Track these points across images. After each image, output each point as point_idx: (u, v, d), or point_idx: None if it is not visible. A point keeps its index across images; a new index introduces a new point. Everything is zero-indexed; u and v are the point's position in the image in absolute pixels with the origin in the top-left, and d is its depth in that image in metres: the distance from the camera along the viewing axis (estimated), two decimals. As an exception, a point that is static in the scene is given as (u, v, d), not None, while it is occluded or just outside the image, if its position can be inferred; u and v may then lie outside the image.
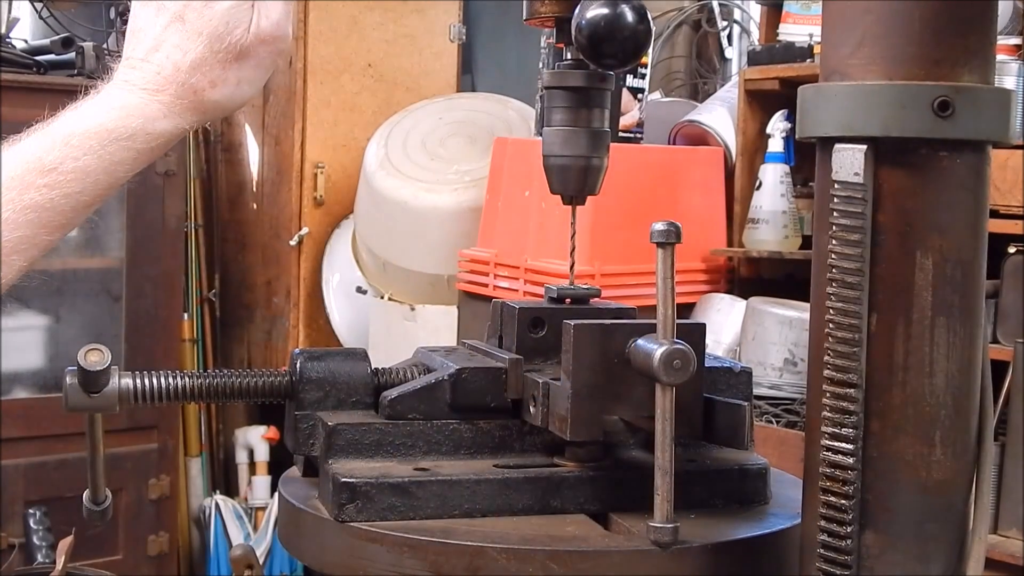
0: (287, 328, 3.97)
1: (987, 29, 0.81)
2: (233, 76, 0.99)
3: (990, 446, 0.82)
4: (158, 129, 0.98)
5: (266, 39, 0.99)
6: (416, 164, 3.45)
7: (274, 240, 4.05)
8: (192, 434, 4.04)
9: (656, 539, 0.83)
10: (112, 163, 0.97)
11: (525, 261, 2.91)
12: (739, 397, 0.99)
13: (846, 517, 0.80)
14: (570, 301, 1.03)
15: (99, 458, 0.98)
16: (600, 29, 0.93)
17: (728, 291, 3.09)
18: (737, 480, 0.97)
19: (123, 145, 0.97)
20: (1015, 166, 2.44)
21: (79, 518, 1.03)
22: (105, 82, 1.00)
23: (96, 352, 0.92)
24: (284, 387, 0.99)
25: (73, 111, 0.97)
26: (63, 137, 0.96)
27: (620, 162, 2.10)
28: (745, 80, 3.13)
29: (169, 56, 0.98)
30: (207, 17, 0.98)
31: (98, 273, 3.59)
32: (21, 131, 0.98)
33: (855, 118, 0.79)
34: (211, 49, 0.98)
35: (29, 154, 0.95)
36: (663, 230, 0.83)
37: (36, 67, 3.35)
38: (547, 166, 1.02)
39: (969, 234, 0.80)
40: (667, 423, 0.82)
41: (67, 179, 0.95)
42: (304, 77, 3.89)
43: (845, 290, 0.79)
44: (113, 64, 1.02)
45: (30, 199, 0.94)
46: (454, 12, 4.17)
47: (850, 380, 0.79)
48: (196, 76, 0.98)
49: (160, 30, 0.98)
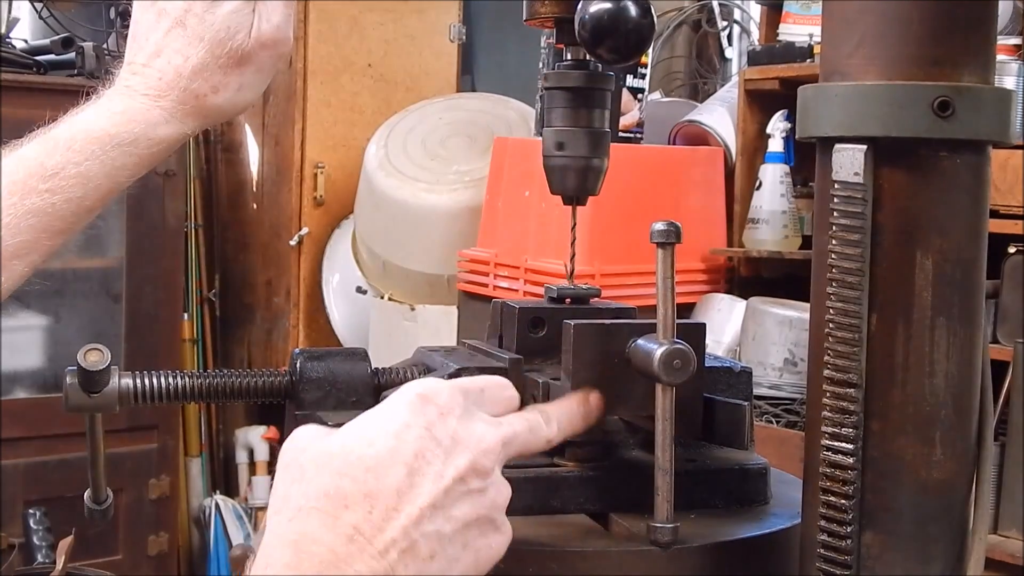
0: (287, 328, 3.97)
1: (987, 29, 0.81)
2: (234, 81, 0.99)
3: (990, 446, 0.82)
4: (160, 134, 0.98)
5: (267, 43, 0.99)
6: (416, 164, 3.45)
7: (274, 240, 4.05)
8: (192, 434, 4.04)
9: (656, 539, 0.83)
10: (114, 168, 0.97)
11: (525, 261, 2.91)
12: (739, 397, 0.99)
13: (846, 517, 0.80)
14: (570, 301, 1.03)
15: (100, 458, 0.98)
16: (603, 23, 0.93)
17: (728, 291, 3.10)
18: (737, 480, 0.97)
19: (125, 150, 0.97)
20: (1015, 166, 2.44)
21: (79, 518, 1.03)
22: (107, 87, 1.00)
23: (96, 352, 0.92)
24: (284, 387, 0.99)
25: (75, 116, 0.98)
26: (65, 142, 0.96)
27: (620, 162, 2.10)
28: (745, 80, 3.13)
29: (170, 61, 0.98)
30: (208, 22, 0.98)
31: (98, 273, 3.59)
32: (21, 131, 0.98)
33: (855, 118, 0.79)
34: (212, 54, 0.98)
35: (31, 159, 0.95)
36: (663, 230, 0.83)
37: (36, 67, 3.35)
38: (547, 166, 1.02)
39: (969, 234, 0.80)
40: (667, 423, 0.82)
41: (69, 184, 0.95)
42: (304, 77, 3.89)
43: (845, 290, 0.79)
44: (113, 65, 1.02)
45: (32, 204, 0.95)
46: (454, 12, 4.18)
47: (850, 380, 0.79)
48: (198, 81, 0.98)
49: (161, 35, 0.98)
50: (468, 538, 0.73)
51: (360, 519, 0.70)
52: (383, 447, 0.72)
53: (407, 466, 0.71)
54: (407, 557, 0.70)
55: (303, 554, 0.68)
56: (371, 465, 0.71)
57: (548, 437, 0.81)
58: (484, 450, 0.74)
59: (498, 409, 0.79)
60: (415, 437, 0.72)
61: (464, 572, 0.73)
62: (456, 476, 0.72)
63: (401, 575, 0.70)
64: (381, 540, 0.70)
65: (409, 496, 0.71)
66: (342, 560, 0.68)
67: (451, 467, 0.72)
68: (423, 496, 0.71)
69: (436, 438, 0.73)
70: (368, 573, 0.69)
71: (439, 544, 0.71)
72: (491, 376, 0.82)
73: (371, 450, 0.72)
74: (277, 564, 0.68)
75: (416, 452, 0.72)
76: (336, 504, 0.70)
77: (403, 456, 0.72)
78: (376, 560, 0.69)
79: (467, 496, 0.73)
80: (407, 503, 0.71)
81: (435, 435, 0.73)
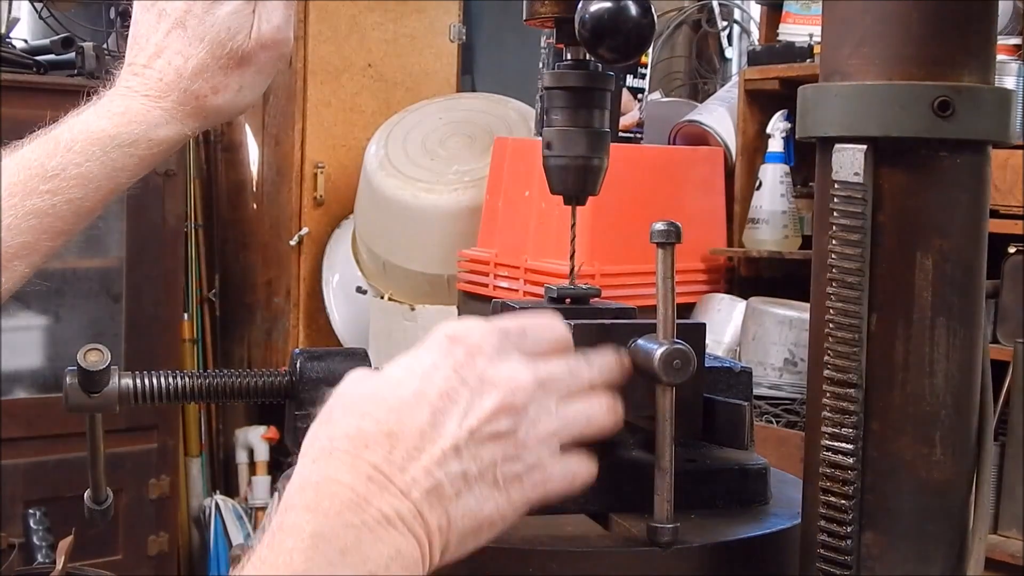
0: (287, 328, 3.97)
1: (987, 29, 0.81)
2: (235, 82, 1.00)
3: (990, 446, 0.82)
4: (160, 135, 0.99)
5: (267, 44, 1.00)
6: (416, 164, 3.45)
7: (274, 240, 4.05)
8: (192, 434, 4.04)
9: (656, 539, 0.83)
10: (114, 169, 0.97)
11: (525, 261, 2.91)
12: (739, 397, 0.99)
13: (846, 517, 0.80)
14: (570, 301, 1.03)
15: (100, 458, 0.98)
16: (604, 22, 0.93)
17: (728, 291, 3.09)
18: (737, 480, 0.97)
19: (125, 151, 0.97)
20: (1015, 166, 2.44)
21: (79, 518, 1.03)
22: (107, 88, 1.00)
23: (96, 352, 0.92)
24: (284, 387, 0.99)
25: (75, 117, 0.98)
26: (65, 143, 0.96)
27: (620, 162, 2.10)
28: (745, 80, 3.13)
29: (171, 62, 0.98)
30: (208, 23, 0.98)
31: (98, 273, 3.59)
32: (21, 131, 0.98)
33: (855, 118, 0.79)
34: (213, 55, 0.98)
35: (31, 160, 0.96)
36: (663, 230, 0.83)
37: (36, 67, 3.35)
38: (547, 166, 1.02)
39: (969, 234, 0.80)
40: (667, 423, 0.82)
41: (69, 185, 0.96)
42: (304, 77, 3.89)
43: (845, 290, 0.79)
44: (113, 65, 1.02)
45: (32, 205, 0.95)
46: (454, 12, 4.17)
47: (850, 380, 0.79)
48: (198, 82, 0.98)
49: (162, 36, 0.99)
50: (499, 477, 0.73)
51: (380, 459, 0.70)
52: (408, 389, 0.73)
53: (431, 407, 0.72)
54: (432, 497, 0.70)
55: (324, 494, 0.69)
56: (394, 406, 0.72)
57: (590, 379, 0.80)
58: (514, 388, 0.74)
59: (542, 348, 0.78)
60: (442, 378, 0.73)
61: (498, 511, 0.73)
62: (483, 417, 0.72)
63: (428, 514, 0.70)
64: (402, 479, 0.70)
65: (431, 436, 0.71)
66: (363, 499, 0.69)
67: (478, 407, 0.73)
68: (446, 437, 0.71)
69: (463, 378, 0.73)
70: (391, 512, 0.69)
71: (465, 484, 0.72)
72: (538, 315, 0.81)
73: (396, 392, 0.73)
74: (299, 505, 0.69)
75: (441, 393, 0.72)
76: (357, 445, 0.71)
77: (428, 397, 0.72)
78: (398, 499, 0.70)
79: (496, 437, 0.73)
80: (429, 443, 0.71)
81: (462, 376, 0.73)
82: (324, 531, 0.67)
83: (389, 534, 0.69)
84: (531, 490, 0.75)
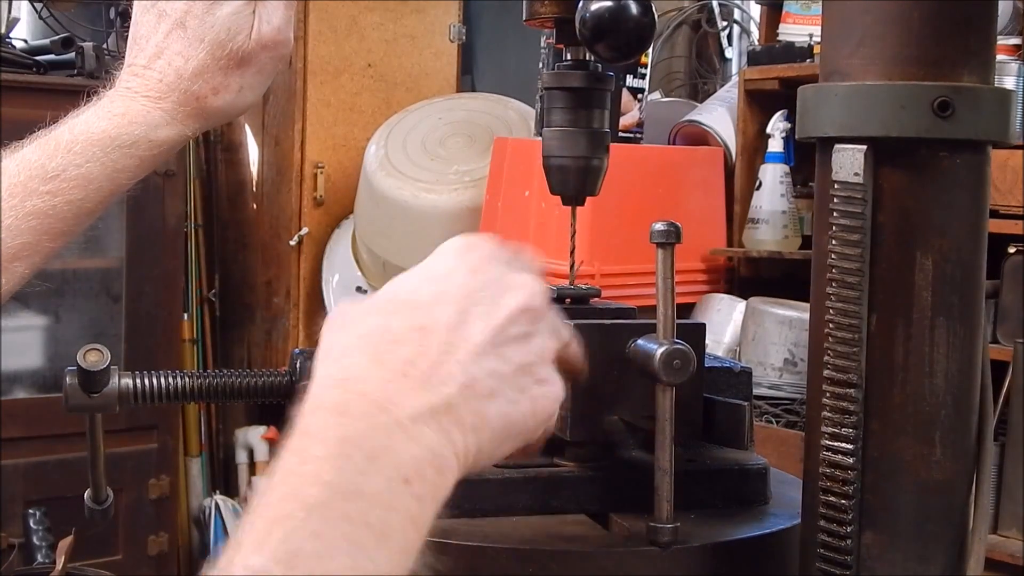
0: (287, 328, 3.97)
1: (987, 29, 0.81)
2: (235, 82, 0.99)
3: (990, 446, 0.82)
4: (160, 136, 0.99)
5: (268, 45, 1.00)
6: (416, 164, 3.45)
7: (274, 240, 4.04)
8: (192, 434, 4.04)
9: (656, 539, 0.83)
10: (115, 170, 0.97)
11: (525, 261, 2.91)
12: (739, 397, 0.99)
13: (846, 517, 0.80)
14: (570, 301, 1.03)
15: (100, 458, 0.98)
16: (604, 21, 0.93)
17: (728, 291, 3.10)
18: (737, 480, 0.97)
19: (126, 152, 0.97)
20: (1015, 166, 2.44)
21: (79, 518, 1.03)
22: (107, 89, 1.00)
23: (96, 352, 0.92)
24: (284, 387, 0.99)
25: (75, 118, 0.98)
26: (66, 144, 0.96)
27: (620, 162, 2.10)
28: (745, 80, 3.13)
29: (171, 63, 0.98)
30: (209, 24, 0.98)
31: (98, 273, 3.59)
32: (21, 131, 0.98)
33: (855, 118, 0.79)
34: (213, 56, 0.98)
35: (31, 160, 0.96)
36: (663, 230, 0.83)
37: (36, 67, 3.34)
38: (547, 167, 1.02)
39: (969, 234, 0.80)
40: (667, 423, 0.82)
41: (69, 186, 0.96)
42: (304, 77, 3.89)
43: (845, 290, 0.79)
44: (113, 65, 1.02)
45: (32, 205, 0.95)
46: (454, 12, 4.17)
47: (850, 380, 0.79)
48: (198, 83, 0.98)
49: (162, 37, 0.99)
50: (524, 383, 0.71)
51: (413, 353, 0.67)
52: (429, 291, 0.71)
53: (457, 304, 0.70)
54: (467, 392, 0.67)
55: (351, 394, 0.65)
56: (420, 304, 0.70)
57: (566, 339, 0.77)
58: (533, 292, 0.73)
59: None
60: (462, 279, 0.71)
61: (523, 418, 0.71)
62: (508, 316, 0.71)
63: (464, 410, 0.67)
64: (436, 375, 0.67)
65: (462, 332, 0.69)
66: (394, 395, 0.65)
67: (502, 307, 0.71)
68: (476, 333, 0.69)
69: (483, 280, 0.72)
70: (424, 408, 0.65)
71: (499, 383, 0.69)
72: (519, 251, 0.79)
73: (418, 294, 0.71)
74: (326, 405, 0.65)
75: (465, 293, 0.71)
76: (385, 340, 0.68)
77: (452, 296, 0.70)
78: (433, 393, 0.66)
79: (519, 340, 0.71)
80: (461, 339, 0.69)
81: (481, 278, 0.72)
82: (352, 435, 0.63)
83: (423, 433, 0.65)
84: (551, 403, 0.73)
